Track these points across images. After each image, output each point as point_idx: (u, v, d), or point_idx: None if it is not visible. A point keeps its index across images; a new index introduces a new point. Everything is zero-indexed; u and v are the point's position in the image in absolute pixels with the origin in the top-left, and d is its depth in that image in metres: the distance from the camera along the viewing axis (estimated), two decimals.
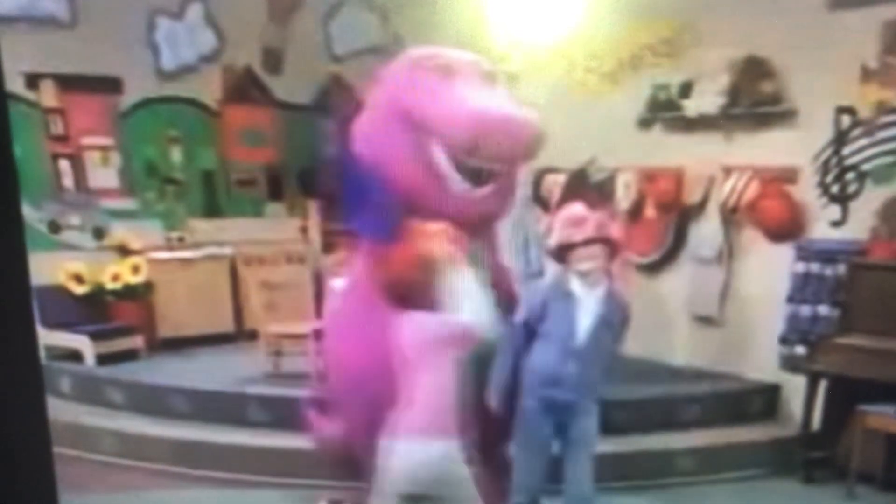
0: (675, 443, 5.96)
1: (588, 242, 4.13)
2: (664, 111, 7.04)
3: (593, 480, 4.38)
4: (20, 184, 1.38)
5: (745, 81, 6.49)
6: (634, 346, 6.86)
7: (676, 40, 6.96)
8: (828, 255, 6.05)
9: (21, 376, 1.35)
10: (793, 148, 6.27)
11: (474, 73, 4.25)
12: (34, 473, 1.39)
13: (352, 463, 4.43)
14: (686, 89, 6.88)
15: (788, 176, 6.28)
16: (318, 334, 6.30)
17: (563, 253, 4.16)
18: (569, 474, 4.32)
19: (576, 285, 4.13)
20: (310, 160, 8.99)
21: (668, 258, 7.09)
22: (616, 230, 4.56)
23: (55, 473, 1.43)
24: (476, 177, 4.07)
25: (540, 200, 6.72)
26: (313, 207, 8.96)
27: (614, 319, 4.34)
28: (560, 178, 6.64)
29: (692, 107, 6.77)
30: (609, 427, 5.96)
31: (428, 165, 4.05)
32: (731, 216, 6.43)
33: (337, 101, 8.66)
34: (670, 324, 6.91)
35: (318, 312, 6.48)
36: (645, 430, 6.04)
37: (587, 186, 6.68)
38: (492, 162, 4.04)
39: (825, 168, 6.15)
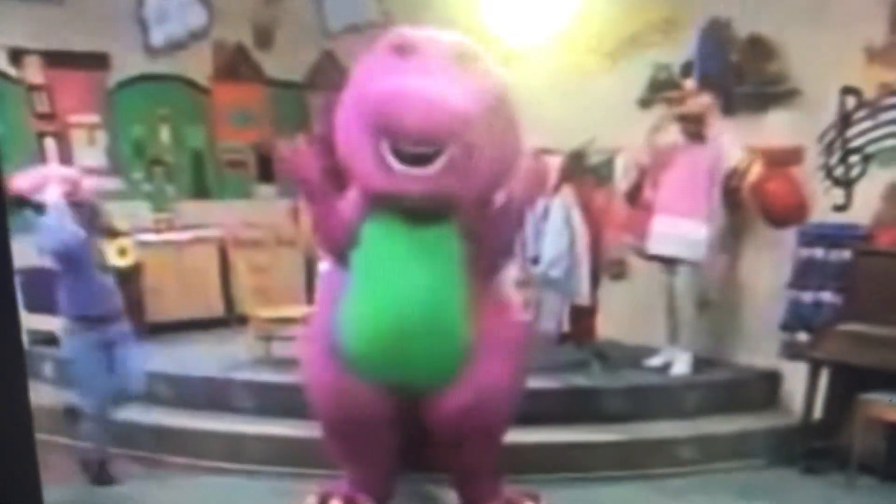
0: (674, 431, 5.88)
1: None
2: (665, 91, 6.90)
3: None
4: (3, 163, 1.29)
5: (748, 61, 6.37)
6: (633, 332, 6.84)
7: (678, 19, 6.83)
8: (831, 240, 5.95)
9: (2, 360, 1.34)
10: (796, 129, 6.17)
11: (438, 53, 4.15)
12: (16, 460, 1.37)
13: None
14: (687, 69, 6.74)
15: (792, 158, 6.16)
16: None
17: None
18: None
19: None
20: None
21: None
22: None
23: (38, 460, 1.42)
24: (413, 160, 4.02)
25: None
26: None
27: None
28: (557, 160, 6.49)
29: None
30: (607, 415, 5.96)
31: (374, 147, 4.06)
32: (733, 198, 6.30)
33: (329, 78, 8.52)
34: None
35: (310, 297, 6.38)
36: (643, 419, 5.97)
37: (585, 168, 6.55)
38: (416, 145, 3.98)
39: (829, 150, 6.04)
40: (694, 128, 6.21)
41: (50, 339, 7.19)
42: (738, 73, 6.44)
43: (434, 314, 4.17)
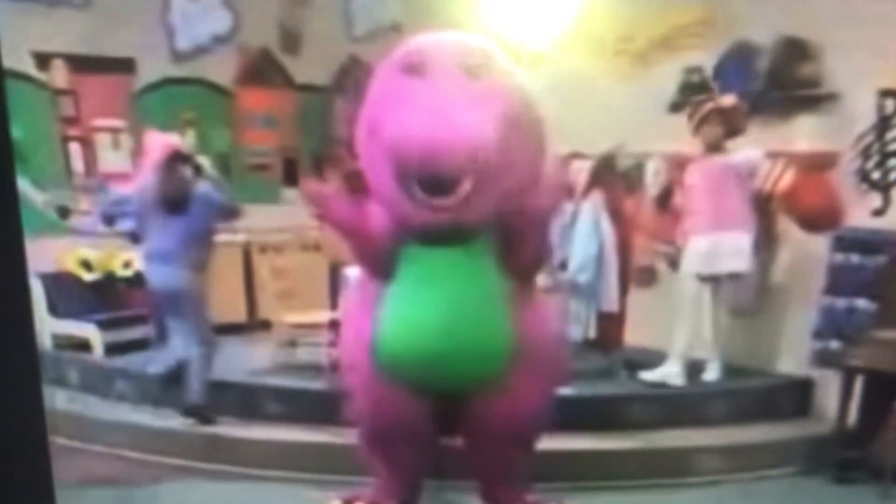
0: (705, 439, 5.79)
1: None
2: (697, 94, 6.79)
3: None
4: (28, 167, 1.23)
5: (783, 63, 6.25)
6: (661, 339, 6.72)
7: (710, 20, 6.72)
8: (867, 246, 5.83)
9: (17, 367, 1.31)
10: (832, 133, 6.06)
11: (447, 70, 4.01)
12: (30, 467, 1.35)
13: None
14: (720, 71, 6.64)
15: (827, 162, 6.05)
16: (334, 324, 6.16)
17: None
18: None
19: None
20: (327, 144, 8.82)
21: None
22: None
23: (51, 466, 1.39)
24: (435, 188, 3.91)
25: None
26: None
27: None
28: (586, 164, 6.42)
29: None
30: (635, 422, 5.86)
31: (394, 175, 3.98)
32: (766, 204, 6.19)
33: (355, 82, 8.48)
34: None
35: (335, 302, 6.33)
36: (672, 427, 5.88)
37: (614, 172, 6.46)
38: (434, 179, 3.88)
39: (866, 154, 5.92)
40: (716, 136, 6.07)
41: (76, 345, 7.22)
42: (771, 78, 6.34)
43: (476, 317, 4.14)
